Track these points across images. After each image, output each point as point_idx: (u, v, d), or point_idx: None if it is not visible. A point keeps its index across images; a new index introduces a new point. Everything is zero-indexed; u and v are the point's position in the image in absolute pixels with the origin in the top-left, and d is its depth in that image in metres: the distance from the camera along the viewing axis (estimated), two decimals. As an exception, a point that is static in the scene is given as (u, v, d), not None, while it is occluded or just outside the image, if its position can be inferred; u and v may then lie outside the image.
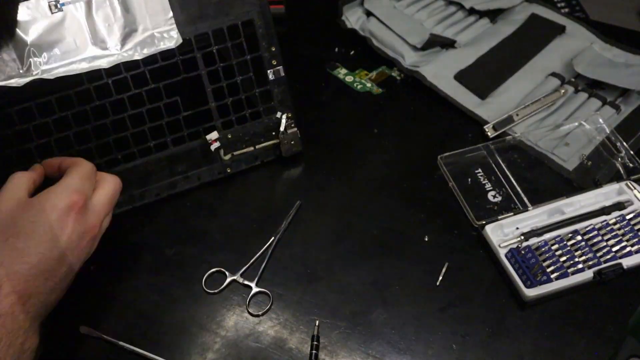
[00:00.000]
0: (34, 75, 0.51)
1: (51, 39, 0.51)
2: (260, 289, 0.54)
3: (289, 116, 0.64)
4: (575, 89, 0.72)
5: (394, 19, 0.81)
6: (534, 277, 0.53)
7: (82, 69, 0.52)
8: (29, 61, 0.51)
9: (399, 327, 0.52)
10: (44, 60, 0.51)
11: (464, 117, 0.71)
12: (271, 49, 0.61)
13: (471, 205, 0.60)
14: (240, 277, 0.55)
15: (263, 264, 0.56)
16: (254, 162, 0.64)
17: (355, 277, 0.56)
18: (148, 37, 0.54)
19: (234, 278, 0.55)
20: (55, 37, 0.51)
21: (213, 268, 0.56)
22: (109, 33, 0.53)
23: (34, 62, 0.51)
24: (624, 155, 0.64)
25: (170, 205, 0.61)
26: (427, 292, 0.54)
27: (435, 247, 0.58)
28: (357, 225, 0.60)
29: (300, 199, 0.62)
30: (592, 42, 0.78)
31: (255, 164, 0.64)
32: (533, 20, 0.82)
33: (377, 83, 0.76)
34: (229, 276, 0.55)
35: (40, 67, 0.51)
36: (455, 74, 0.75)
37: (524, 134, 0.67)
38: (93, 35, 0.53)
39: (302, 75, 0.77)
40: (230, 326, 0.52)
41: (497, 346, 0.51)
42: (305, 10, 0.87)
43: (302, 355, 0.50)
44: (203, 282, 0.55)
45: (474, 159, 0.65)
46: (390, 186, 0.64)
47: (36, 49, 0.51)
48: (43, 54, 0.51)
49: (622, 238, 0.56)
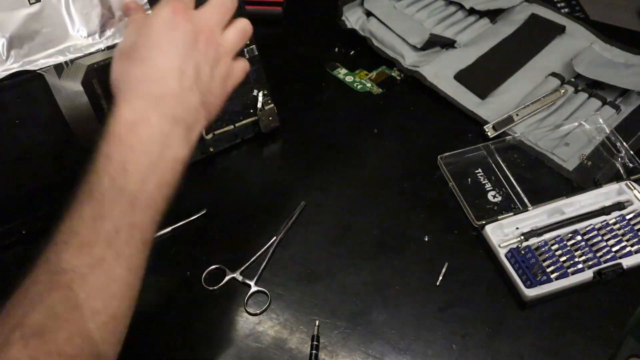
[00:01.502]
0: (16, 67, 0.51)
1: (31, 30, 0.51)
2: (259, 287, 0.54)
3: (265, 93, 0.66)
4: (575, 89, 0.72)
5: (394, 19, 0.81)
6: (534, 277, 0.53)
7: (64, 59, 0.53)
8: (11, 53, 0.51)
9: (399, 327, 0.52)
10: (26, 52, 0.51)
11: (464, 117, 0.71)
12: None
13: (471, 205, 0.60)
14: (240, 275, 0.55)
15: (263, 263, 0.56)
16: (234, 140, 0.67)
17: (355, 277, 0.56)
18: (125, 23, 0.54)
19: (234, 276, 0.55)
20: (35, 28, 0.52)
21: (213, 265, 0.56)
22: (87, 21, 0.53)
23: (16, 55, 0.51)
24: (624, 155, 0.64)
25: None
26: (427, 292, 0.54)
27: (435, 247, 0.58)
28: (357, 225, 0.60)
29: (301, 199, 0.62)
30: (592, 42, 0.78)
31: (236, 141, 0.67)
32: (533, 20, 0.82)
33: (377, 83, 0.76)
34: (229, 274, 0.55)
35: (22, 58, 0.51)
36: (455, 74, 0.75)
37: (524, 134, 0.67)
38: (72, 24, 0.53)
39: (302, 75, 0.77)
40: (230, 326, 0.52)
41: (497, 346, 0.51)
42: (305, 10, 0.87)
43: (302, 355, 0.50)
44: (202, 279, 0.55)
45: (474, 159, 0.65)
46: (390, 186, 0.64)
47: (17, 40, 0.51)
48: (24, 46, 0.51)
49: (622, 238, 0.56)
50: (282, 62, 0.76)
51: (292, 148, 0.69)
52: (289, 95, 0.69)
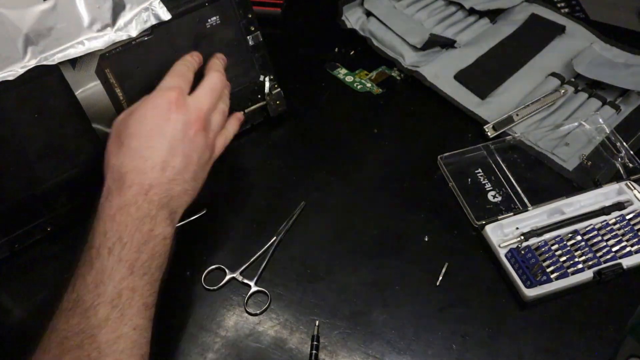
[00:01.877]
0: (33, 63, 0.52)
1: (46, 26, 0.52)
2: (259, 288, 0.54)
3: (272, 78, 0.67)
4: (575, 89, 0.72)
5: (394, 19, 0.81)
6: (534, 277, 0.53)
7: (79, 53, 0.53)
8: (27, 50, 0.52)
9: (398, 327, 0.52)
10: (42, 48, 0.52)
11: (464, 117, 0.71)
12: (248, 15, 0.62)
13: (471, 205, 0.60)
14: (240, 275, 0.55)
15: (263, 263, 0.56)
16: (245, 127, 0.67)
17: (355, 277, 0.56)
18: (136, 14, 0.55)
19: (234, 276, 0.55)
20: (50, 24, 0.52)
21: (213, 265, 0.56)
22: (100, 14, 0.54)
23: (32, 50, 0.52)
24: (624, 155, 0.64)
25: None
26: (427, 292, 0.54)
27: (435, 247, 0.58)
28: (357, 225, 0.60)
29: (301, 199, 0.62)
30: (592, 42, 0.78)
31: (246, 127, 0.67)
32: (533, 20, 0.82)
33: (377, 83, 0.76)
34: (229, 274, 0.55)
35: (39, 54, 0.52)
36: (455, 74, 0.75)
37: (524, 134, 0.67)
38: (85, 18, 0.54)
39: (302, 75, 0.77)
40: (230, 326, 0.52)
41: (497, 346, 0.51)
42: (305, 11, 0.87)
43: (302, 356, 0.50)
44: (202, 279, 0.55)
45: (474, 159, 0.65)
46: (390, 186, 0.64)
47: (33, 37, 0.52)
48: (40, 42, 0.52)
49: (622, 238, 0.56)
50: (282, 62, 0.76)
51: (292, 148, 0.69)
52: (289, 95, 0.69)
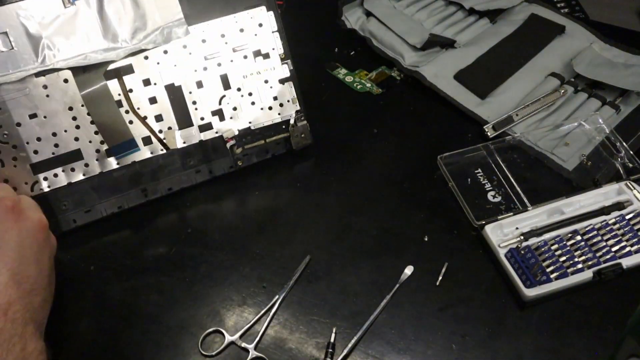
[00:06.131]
0: (48, 65, 0.53)
1: (64, 32, 0.53)
2: (259, 354, 0.50)
3: (298, 109, 0.64)
4: (575, 89, 0.72)
5: (394, 19, 0.81)
6: (534, 277, 0.53)
7: (94, 61, 0.54)
8: (44, 54, 0.53)
9: (398, 327, 0.52)
10: (58, 53, 0.53)
11: (464, 117, 0.71)
12: None
13: (471, 205, 0.60)
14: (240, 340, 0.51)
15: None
16: (265, 156, 0.65)
17: (355, 277, 0.56)
18: (157, 30, 0.56)
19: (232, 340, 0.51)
20: (69, 31, 0.54)
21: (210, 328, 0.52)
22: (120, 26, 0.55)
23: (48, 55, 0.53)
24: (624, 155, 0.64)
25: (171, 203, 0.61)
26: (427, 292, 0.54)
27: (435, 247, 0.58)
28: (357, 225, 0.60)
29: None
30: (592, 42, 0.78)
31: (267, 157, 0.65)
32: (533, 20, 0.82)
33: (377, 83, 0.76)
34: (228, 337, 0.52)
35: (54, 59, 0.53)
36: (455, 73, 0.75)
37: (524, 134, 0.67)
38: (104, 28, 0.55)
39: (302, 76, 0.76)
40: (231, 325, 0.52)
41: (497, 346, 0.51)
42: (305, 11, 0.87)
43: (302, 356, 0.50)
44: (199, 344, 0.50)
45: (473, 159, 0.65)
46: (390, 186, 0.64)
47: (50, 42, 0.53)
48: (57, 47, 0.53)
49: (621, 238, 0.56)
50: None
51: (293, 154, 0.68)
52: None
